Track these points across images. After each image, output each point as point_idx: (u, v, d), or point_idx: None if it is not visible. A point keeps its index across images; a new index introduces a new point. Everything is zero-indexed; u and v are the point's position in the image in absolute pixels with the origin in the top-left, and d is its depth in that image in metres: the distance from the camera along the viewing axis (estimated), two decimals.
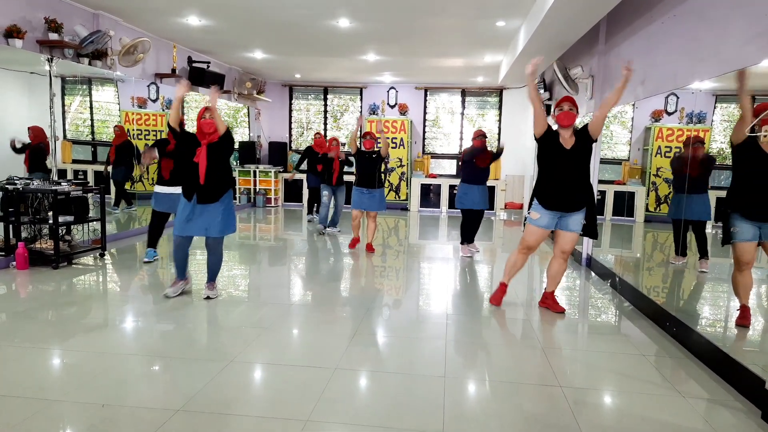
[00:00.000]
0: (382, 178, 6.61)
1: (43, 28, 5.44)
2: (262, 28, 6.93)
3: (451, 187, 10.65)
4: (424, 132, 11.34)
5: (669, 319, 3.66)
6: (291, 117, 11.77)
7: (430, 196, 10.86)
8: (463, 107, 11.25)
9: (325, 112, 11.62)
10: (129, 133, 7.44)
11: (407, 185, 10.87)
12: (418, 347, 3.38)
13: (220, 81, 8.91)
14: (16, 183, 5.06)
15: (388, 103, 11.16)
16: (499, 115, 11.16)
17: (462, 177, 6.44)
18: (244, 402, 2.56)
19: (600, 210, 6.04)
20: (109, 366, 2.90)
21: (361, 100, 11.41)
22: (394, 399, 2.62)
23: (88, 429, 2.25)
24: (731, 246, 3.35)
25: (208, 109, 3.95)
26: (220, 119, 3.97)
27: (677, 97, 5.95)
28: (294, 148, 11.72)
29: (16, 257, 4.91)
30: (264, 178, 10.85)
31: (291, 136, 11.77)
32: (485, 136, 6.58)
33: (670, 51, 4.14)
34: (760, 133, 3.13)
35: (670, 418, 2.52)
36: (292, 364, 3.02)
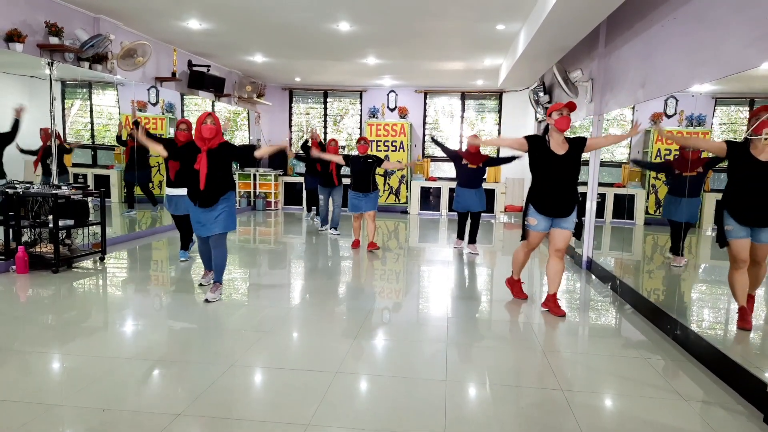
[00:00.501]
0: (377, 182, 6.67)
1: (44, 31, 5.45)
2: (262, 32, 6.95)
3: (451, 190, 10.66)
4: (424, 135, 11.35)
5: (670, 321, 3.66)
6: (291, 120, 11.78)
7: (430, 199, 10.87)
8: (462, 110, 11.27)
9: (325, 115, 11.63)
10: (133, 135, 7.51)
11: (407, 188, 10.87)
12: (418, 350, 3.38)
13: (220, 85, 8.92)
14: (17, 187, 5.06)
15: (387, 107, 11.17)
16: (499, 118, 11.17)
17: (456, 181, 6.53)
18: (245, 406, 2.56)
19: (600, 213, 6.06)
20: (109, 370, 2.90)
21: (361, 103, 11.42)
22: (395, 402, 2.61)
23: None
24: (727, 247, 3.37)
25: (210, 115, 4.00)
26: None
27: (677, 100, 5.96)
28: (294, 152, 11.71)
29: (16, 261, 4.91)
30: (264, 182, 10.85)
31: (291, 139, 11.78)
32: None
33: (670, 54, 4.15)
34: (758, 137, 3.16)
35: (671, 421, 2.52)
36: (293, 367, 3.02)
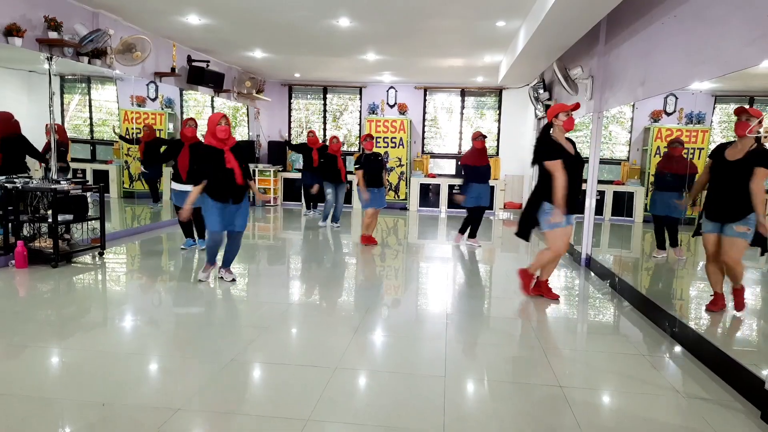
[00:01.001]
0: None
1: (43, 26, 5.43)
2: (262, 28, 6.93)
3: (450, 186, 10.66)
4: (424, 132, 11.34)
5: (668, 318, 3.67)
6: (290, 116, 11.76)
7: (429, 195, 10.86)
8: (462, 107, 11.25)
9: (325, 111, 11.61)
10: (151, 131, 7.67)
11: (407, 185, 10.87)
12: (417, 347, 3.39)
13: (219, 80, 8.90)
14: (15, 181, 5.05)
15: (387, 103, 11.15)
16: (499, 115, 11.16)
17: (466, 178, 6.63)
18: (244, 401, 2.57)
19: (599, 210, 6.08)
20: (108, 365, 2.90)
21: (360, 99, 11.40)
22: (394, 399, 2.62)
23: (87, 428, 2.25)
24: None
25: (224, 117, 4.29)
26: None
27: (676, 98, 5.95)
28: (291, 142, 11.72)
29: (15, 256, 4.90)
30: (263, 178, 10.84)
31: (290, 135, 11.76)
32: (485, 137, 6.61)
33: (670, 52, 4.14)
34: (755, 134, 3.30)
35: (669, 418, 2.53)
36: (293, 363, 3.03)
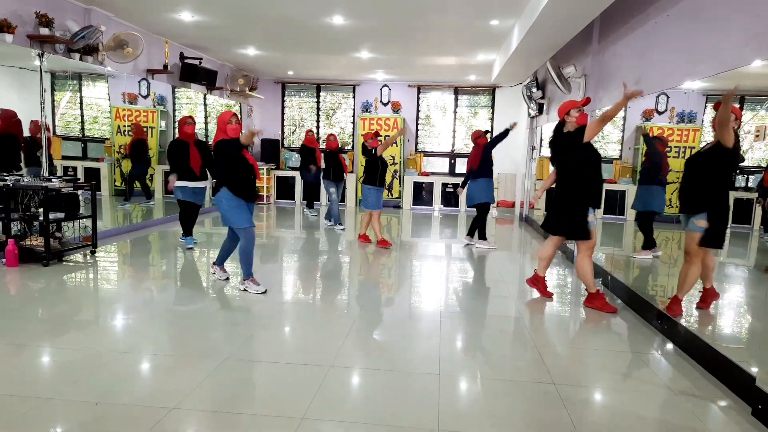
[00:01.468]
0: None
1: (34, 22, 5.37)
2: (255, 25, 6.90)
3: (444, 185, 10.67)
4: (417, 130, 11.35)
5: (660, 316, 3.70)
6: (284, 114, 11.72)
7: (422, 194, 10.87)
8: (455, 105, 11.27)
9: (318, 109, 11.59)
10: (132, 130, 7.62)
11: (400, 183, 10.87)
12: (412, 345, 3.39)
13: (212, 77, 8.85)
14: (6, 179, 5.00)
15: (381, 101, 11.15)
16: (492, 114, 11.19)
17: (480, 174, 6.56)
18: (239, 399, 2.56)
19: None
20: (102, 363, 2.88)
21: (354, 97, 11.39)
22: (389, 396, 2.63)
23: (81, 427, 2.24)
24: None
25: (234, 115, 4.33)
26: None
27: (668, 97, 6.00)
28: (287, 146, 11.68)
29: (6, 254, 4.85)
30: None
31: (284, 133, 11.73)
32: (488, 132, 6.73)
33: (664, 51, 4.17)
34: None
35: (661, 414, 2.55)
36: (288, 361, 3.02)
